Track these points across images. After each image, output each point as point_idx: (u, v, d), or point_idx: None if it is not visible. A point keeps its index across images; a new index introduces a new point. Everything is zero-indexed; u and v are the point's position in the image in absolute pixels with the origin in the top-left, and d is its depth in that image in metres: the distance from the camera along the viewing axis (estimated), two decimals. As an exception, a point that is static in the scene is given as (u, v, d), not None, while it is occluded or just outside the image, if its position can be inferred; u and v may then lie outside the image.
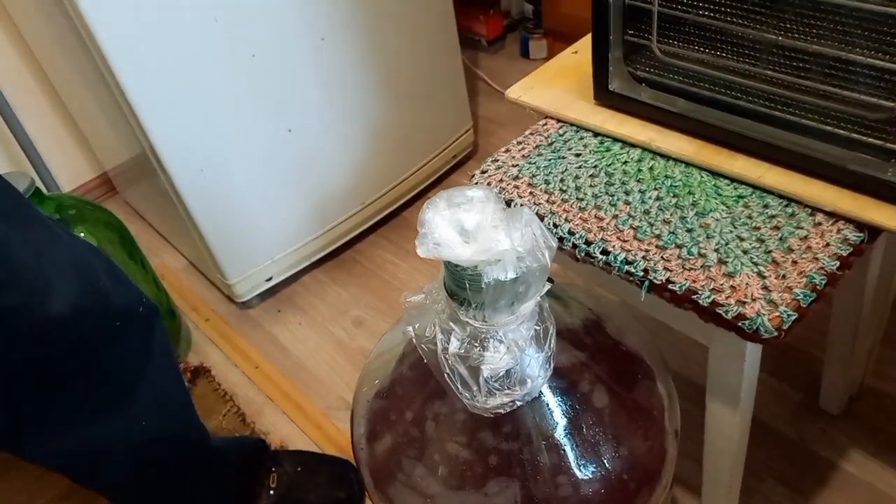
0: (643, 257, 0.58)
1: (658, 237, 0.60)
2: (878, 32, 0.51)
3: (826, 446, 0.91)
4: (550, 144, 0.72)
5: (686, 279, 0.56)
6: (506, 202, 0.68)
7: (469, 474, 0.47)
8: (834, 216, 0.58)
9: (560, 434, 0.46)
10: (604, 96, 0.71)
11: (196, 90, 1.01)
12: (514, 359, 0.42)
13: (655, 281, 0.57)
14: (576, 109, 0.72)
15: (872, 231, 0.57)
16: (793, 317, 0.52)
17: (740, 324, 0.53)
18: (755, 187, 0.62)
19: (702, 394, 0.67)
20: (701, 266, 0.57)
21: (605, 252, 0.60)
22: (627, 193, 0.64)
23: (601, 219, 0.63)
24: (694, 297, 0.55)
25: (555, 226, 0.63)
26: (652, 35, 0.64)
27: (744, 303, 0.53)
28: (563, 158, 0.70)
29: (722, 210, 0.61)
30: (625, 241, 0.60)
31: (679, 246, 0.59)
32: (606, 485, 0.47)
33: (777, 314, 0.52)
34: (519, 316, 0.42)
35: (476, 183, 0.71)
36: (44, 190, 1.09)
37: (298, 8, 1.07)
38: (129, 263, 1.12)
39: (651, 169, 0.66)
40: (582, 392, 0.48)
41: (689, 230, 0.60)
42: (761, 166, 0.62)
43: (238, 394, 1.14)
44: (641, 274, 0.58)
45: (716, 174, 0.64)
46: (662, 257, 0.58)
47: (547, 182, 0.68)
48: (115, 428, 0.66)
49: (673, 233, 0.60)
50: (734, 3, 0.58)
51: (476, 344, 0.42)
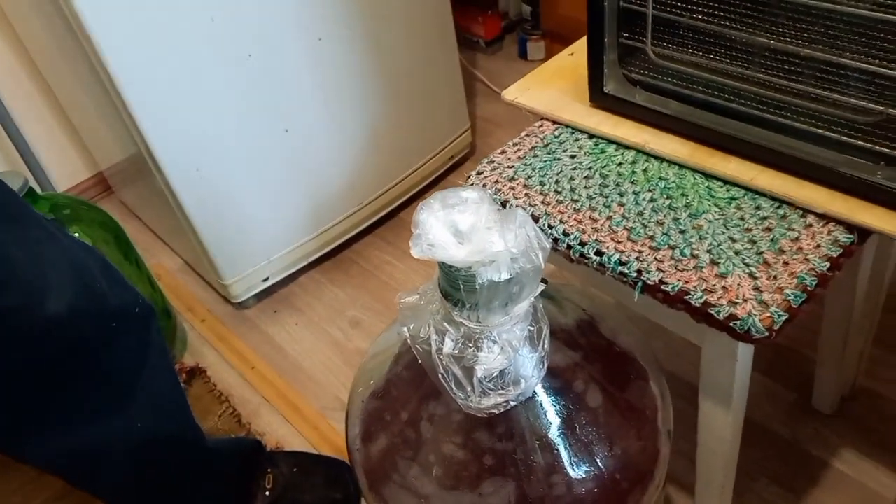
0: (637, 258, 0.59)
1: (651, 238, 0.60)
2: (869, 37, 0.52)
3: (819, 446, 0.92)
4: (546, 146, 0.72)
5: (679, 280, 0.56)
6: (501, 203, 0.68)
7: (463, 474, 0.47)
8: (825, 218, 0.59)
9: (554, 434, 0.47)
10: (599, 98, 0.71)
11: (192, 90, 1.01)
12: (508, 359, 0.43)
13: (649, 282, 0.57)
14: (571, 111, 0.73)
15: (862, 233, 0.58)
16: (783, 317, 0.53)
17: (732, 324, 0.54)
18: (748, 189, 0.62)
19: (696, 393, 0.67)
20: (693, 267, 0.57)
21: (600, 253, 0.60)
22: (622, 195, 0.65)
23: (595, 220, 0.63)
24: (686, 298, 0.56)
25: (550, 227, 0.64)
26: (646, 38, 0.65)
27: (735, 303, 0.54)
28: (559, 160, 0.70)
29: (715, 211, 0.61)
30: (619, 242, 0.61)
31: (672, 247, 0.59)
32: (600, 484, 0.47)
33: (768, 315, 0.53)
34: (513, 316, 0.42)
35: (472, 184, 0.71)
36: (38, 189, 1.09)
37: (295, 8, 1.07)
38: (125, 264, 1.11)
39: (645, 171, 0.67)
40: (575, 392, 0.48)
41: (682, 231, 0.60)
42: (754, 168, 0.63)
43: (234, 395, 1.14)
44: (635, 275, 0.58)
45: (709, 176, 0.65)
46: (656, 258, 0.59)
47: (542, 183, 0.68)
48: (115, 428, 0.66)
49: (666, 234, 0.60)
50: (727, 7, 0.58)
51: (470, 344, 0.43)
